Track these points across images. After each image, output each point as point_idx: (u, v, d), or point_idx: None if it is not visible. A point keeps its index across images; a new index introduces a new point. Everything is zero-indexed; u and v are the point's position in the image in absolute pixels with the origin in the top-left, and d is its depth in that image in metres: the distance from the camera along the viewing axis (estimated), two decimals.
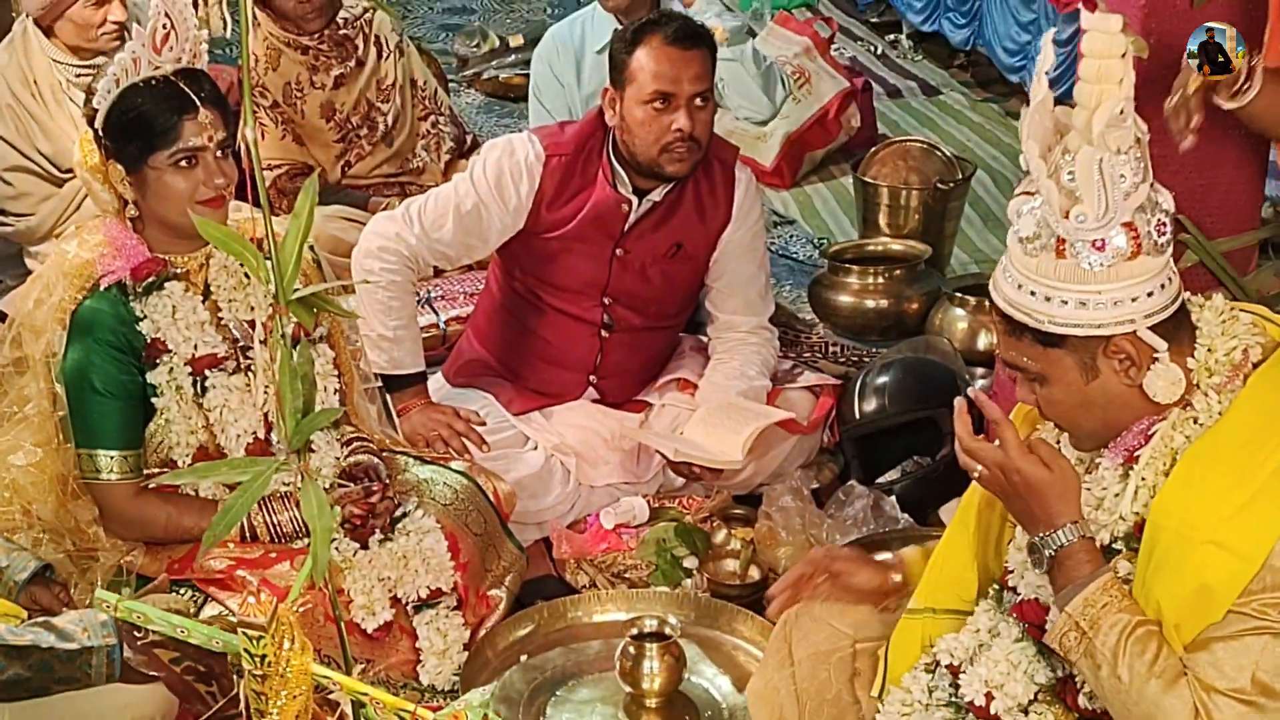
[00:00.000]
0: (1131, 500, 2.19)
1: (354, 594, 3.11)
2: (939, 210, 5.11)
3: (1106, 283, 2.09)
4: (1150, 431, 2.18)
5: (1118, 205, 2.06)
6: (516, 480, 3.60)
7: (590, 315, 3.86)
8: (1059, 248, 2.10)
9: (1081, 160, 2.04)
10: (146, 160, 2.99)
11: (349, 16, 4.97)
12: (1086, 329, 2.12)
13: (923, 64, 7.82)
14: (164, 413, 3.07)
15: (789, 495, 3.70)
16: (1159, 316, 2.12)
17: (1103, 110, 2.03)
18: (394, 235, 3.68)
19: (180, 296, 3.08)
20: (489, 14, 8.80)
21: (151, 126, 2.96)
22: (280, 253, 2.01)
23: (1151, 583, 2.13)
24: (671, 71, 3.60)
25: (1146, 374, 2.14)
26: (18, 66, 4.56)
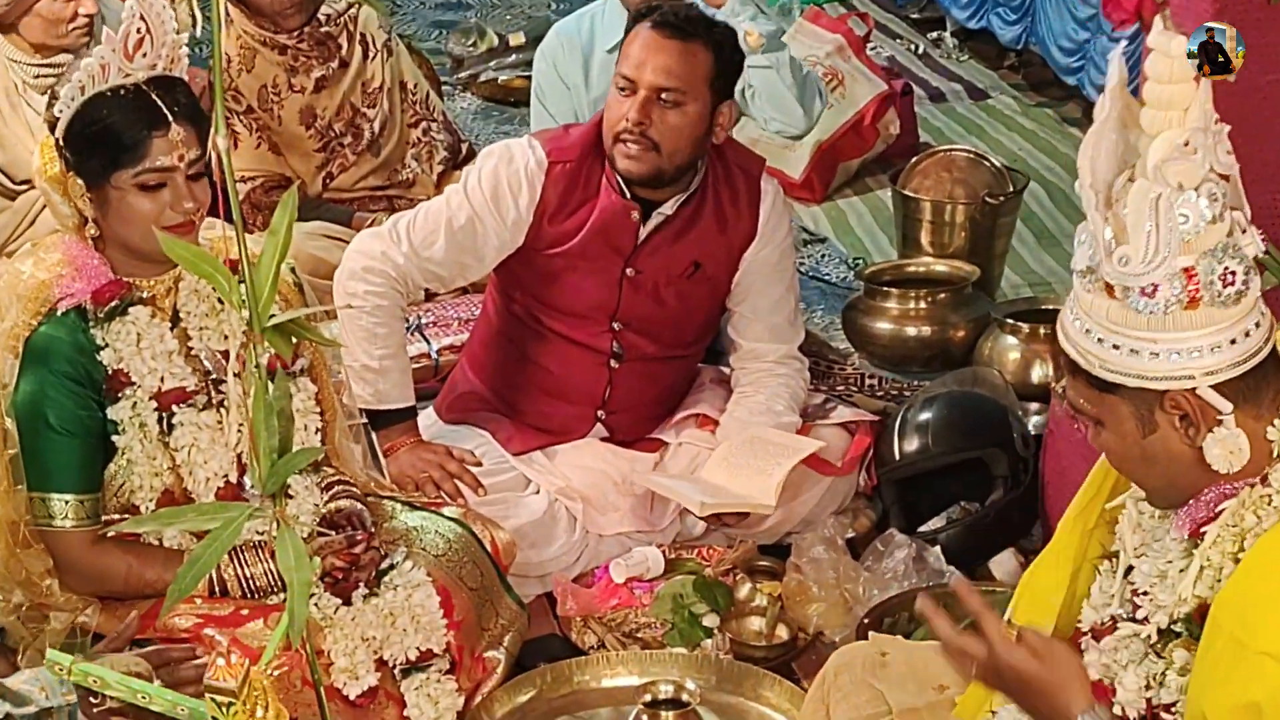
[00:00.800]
0: (1194, 581, 2.13)
1: (335, 655, 3.09)
2: (988, 227, 5.10)
3: (1161, 331, 2.03)
4: (1218, 509, 2.12)
5: (1171, 248, 1.98)
6: (516, 528, 3.59)
7: (598, 342, 3.86)
8: (1109, 288, 2.06)
9: (1134, 194, 1.99)
10: (109, 178, 2.98)
11: (332, 13, 4.98)
12: (1137, 380, 2.07)
13: (969, 64, 7.82)
14: (126, 452, 3.07)
15: (821, 545, 3.69)
16: (1225, 375, 2.05)
17: (1162, 142, 1.98)
18: (380, 254, 3.68)
19: (146, 323, 3.07)
20: (487, 10, 8.81)
21: (117, 142, 2.94)
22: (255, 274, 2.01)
23: (1204, 684, 2.08)
24: (639, 56, 3.61)
25: (1205, 438, 2.07)
26: None
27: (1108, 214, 2.02)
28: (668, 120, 3.62)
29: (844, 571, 3.63)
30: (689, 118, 3.64)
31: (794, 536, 3.81)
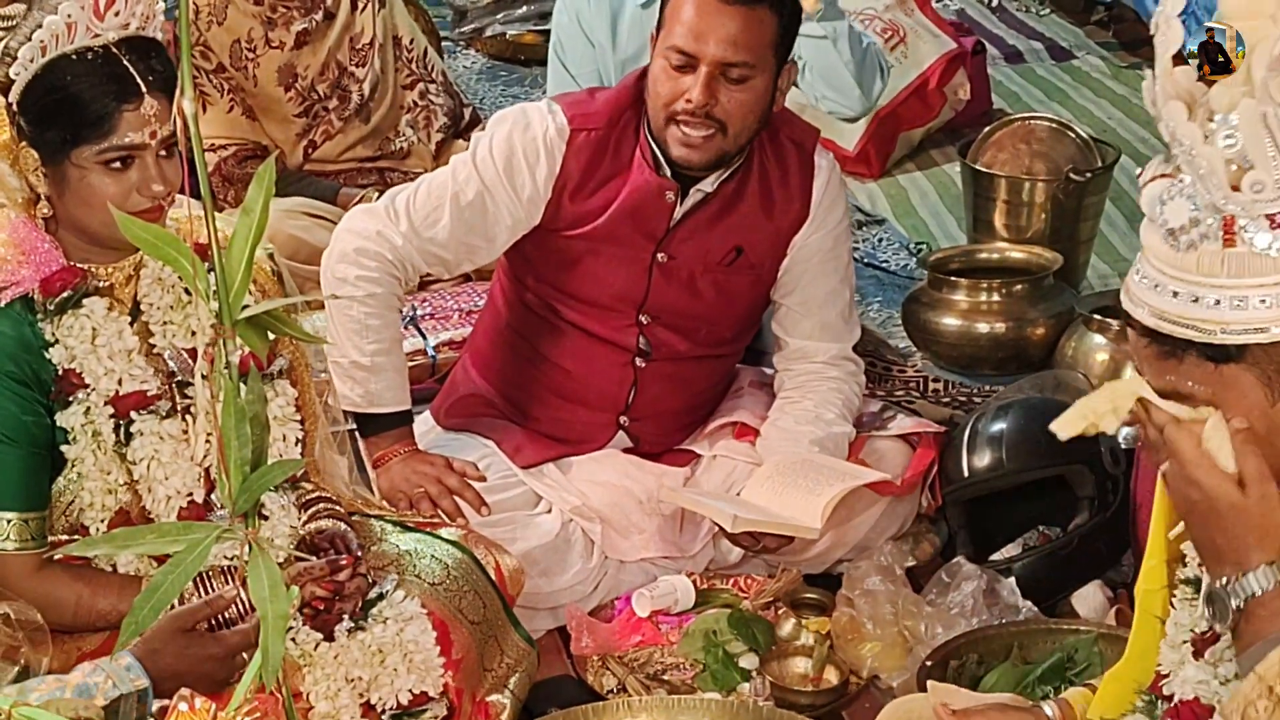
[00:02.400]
0: None
1: (315, 699, 3.09)
2: (1072, 208, 5.10)
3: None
4: None
5: None
6: (525, 553, 3.59)
7: (622, 338, 3.86)
8: (1227, 232, 2.08)
9: (1244, 116, 2.02)
10: (69, 154, 2.96)
11: None
12: (1272, 332, 2.09)
13: (1051, 19, 7.82)
14: (76, 465, 3.06)
15: (877, 575, 3.68)
16: None
17: (1261, 51, 2.02)
18: (375, 234, 3.67)
19: (102, 317, 3.06)
20: None
21: (81, 114, 2.92)
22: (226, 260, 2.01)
23: None
24: (700, 26, 3.55)
25: None
26: None
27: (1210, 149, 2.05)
28: (734, 98, 3.59)
29: (903, 606, 3.62)
30: (756, 93, 3.62)
31: (845, 565, 3.82)
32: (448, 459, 3.74)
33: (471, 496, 3.66)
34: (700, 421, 4.04)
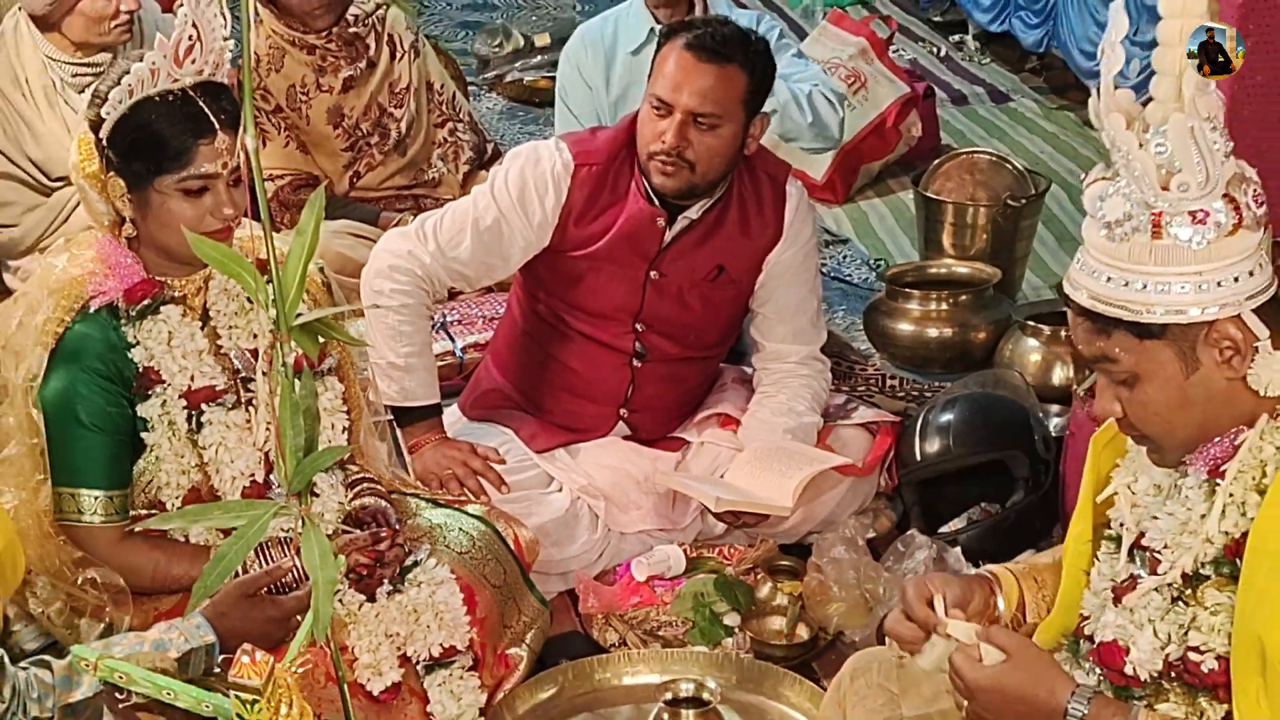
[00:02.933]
0: (1219, 519, 2.18)
1: (359, 652, 3.09)
2: (1009, 229, 5.09)
3: (1207, 261, 2.10)
4: (1237, 442, 2.18)
5: (1218, 172, 2.07)
6: (539, 526, 3.58)
7: (621, 343, 3.85)
8: (1155, 226, 2.11)
9: (1174, 128, 2.06)
10: (152, 182, 2.97)
11: (360, 13, 4.97)
12: (1190, 314, 2.12)
13: (991, 67, 7.80)
14: (154, 449, 3.06)
15: (842, 545, 3.67)
16: (1262, 298, 2.14)
17: (1190, 74, 2.06)
18: (406, 253, 3.67)
19: (177, 322, 3.06)
20: (513, 11, 8.82)
21: (163, 148, 2.93)
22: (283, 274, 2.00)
23: (1253, 614, 2.11)
24: (677, 78, 3.56)
25: (1251, 365, 2.14)
26: (7, 64, 4.57)
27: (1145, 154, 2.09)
28: (703, 142, 3.59)
29: (864, 572, 3.61)
30: (724, 139, 3.61)
31: (815, 536, 3.80)
32: (473, 445, 3.73)
33: (493, 477, 3.66)
34: (690, 413, 4.03)
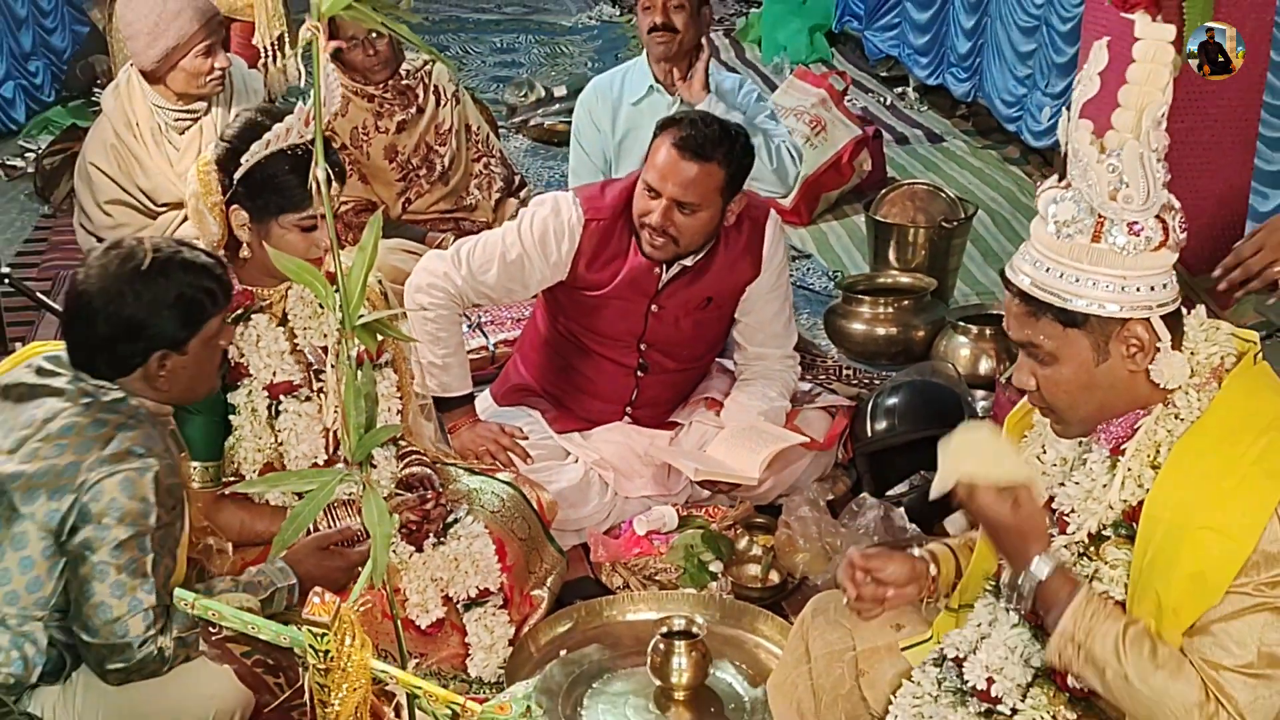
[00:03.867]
0: (1119, 489, 2.18)
1: (410, 593, 3.09)
2: (943, 246, 5.08)
3: (1132, 269, 2.10)
4: (1136, 425, 2.18)
5: (1156, 195, 2.07)
6: (558, 491, 3.57)
7: (627, 360, 3.83)
8: (1097, 230, 2.10)
9: (1128, 152, 2.06)
10: (275, 219, 2.97)
11: (410, 68, 4.97)
12: (1109, 310, 2.12)
13: (928, 114, 7.79)
14: (238, 430, 3.06)
15: (806, 506, 3.66)
16: (1169, 308, 2.14)
17: (1150, 110, 2.06)
18: (442, 274, 3.65)
19: (264, 327, 3.06)
20: (536, 67, 8.81)
21: (290, 192, 2.94)
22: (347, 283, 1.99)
23: (1149, 573, 2.11)
24: (663, 171, 3.52)
25: (1153, 361, 2.14)
26: (121, 110, 4.57)
27: (1100, 169, 2.09)
28: (685, 224, 3.55)
29: (825, 528, 3.60)
30: (702, 220, 3.58)
31: (784, 499, 3.79)
32: (501, 425, 3.72)
33: (520, 451, 3.64)
34: (682, 404, 4.01)
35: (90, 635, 2.50)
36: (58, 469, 2.49)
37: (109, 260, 2.62)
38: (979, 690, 2.34)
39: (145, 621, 2.51)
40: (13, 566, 2.50)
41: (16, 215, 6.18)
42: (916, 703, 2.44)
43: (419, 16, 9.87)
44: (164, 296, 2.60)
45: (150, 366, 2.63)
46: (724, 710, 3.05)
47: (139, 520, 2.50)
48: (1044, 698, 2.30)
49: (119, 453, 2.51)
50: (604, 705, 3.07)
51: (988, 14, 7.07)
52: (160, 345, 2.61)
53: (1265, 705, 2.07)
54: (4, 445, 2.54)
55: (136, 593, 2.49)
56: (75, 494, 2.47)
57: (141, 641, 2.51)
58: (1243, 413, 2.13)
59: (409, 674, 2.04)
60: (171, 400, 2.70)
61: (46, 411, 2.56)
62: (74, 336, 2.64)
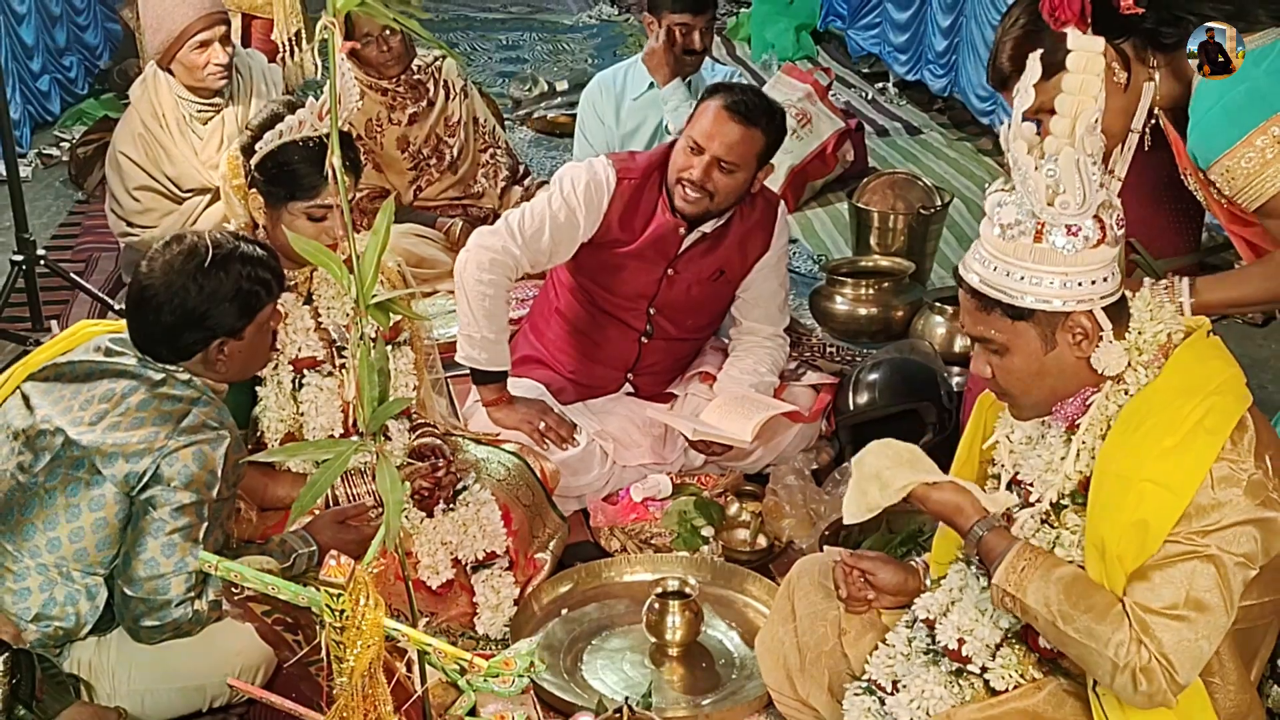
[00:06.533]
0: (1075, 460, 2.21)
1: (421, 556, 3.08)
2: (921, 232, 5.05)
3: (1074, 266, 2.11)
4: (1088, 401, 2.21)
5: (1093, 197, 2.08)
6: (562, 460, 3.55)
7: (636, 323, 3.81)
8: (1038, 232, 2.11)
9: (1064, 158, 2.06)
10: (286, 205, 2.97)
11: (421, 64, 4.96)
12: (1054, 305, 2.13)
13: (906, 108, 7.76)
14: (263, 400, 3.05)
15: (792, 475, 3.65)
16: (1110, 299, 2.15)
17: (1084, 117, 2.06)
18: (501, 249, 3.57)
19: (290, 305, 3.05)
20: (539, 63, 8.77)
21: (299, 181, 2.93)
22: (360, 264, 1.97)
23: (1098, 522, 2.15)
24: (710, 130, 3.53)
25: (1096, 350, 2.16)
26: (148, 101, 4.56)
27: (1038, 175, 2.09)
28: (723, 181, 3.56)
29: (809, 495, 3.59)
30: (739, 181, 3.59)
31: (771, 468, 3.77)
32: (544, 405, 3.67)
33: (566, 431, 3.62)
34: (680, 376, 4.00)
35: (133, 589, 2.54)
36: (139, 437, 2.57)
37: (172, 256, 2.67)
38: (950, 650, 2.35)
39: (186, 584, 2.57)
40: (87, 525, 2.57)
41: (52, 201, 6.15)
42: (891, 661, 2.45)
43: (429, 14, 9.83)
44: (224, 289, 2.66)
45: (210, 352, 2.69)
46: (715, 665, 3.05)
47: (202, 490, 2.57)
48: (1014, 657, 2.32)
49: (195, 425, 2.60)
50: (602, 660, 3.07)
51: (963, 14, 7.03)
52: (220, 334, 2.68)
53: (1191, 648, 2.09)
54: (84, 417, 2.61)
55: (185, 556, 2.55)
56: (154, 458, 2.55)
57: (180, 601, 2.55)
58: (1190, 377, 2.16)
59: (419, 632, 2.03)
60: (228, 379, 2.77)
61: (124, 387, 2.63)
62: (138, 325, 2.69)
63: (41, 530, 2.58)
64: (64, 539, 2.57)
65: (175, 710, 2.70)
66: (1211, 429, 2.11)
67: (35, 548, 2.58)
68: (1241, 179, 2.54)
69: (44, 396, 2.65)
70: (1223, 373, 2.19)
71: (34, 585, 2.58)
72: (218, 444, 2.58)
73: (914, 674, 2.39)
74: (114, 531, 2.58)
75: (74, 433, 2.58)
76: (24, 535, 2.59)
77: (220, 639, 2.62)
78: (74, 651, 2.62)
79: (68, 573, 2.58)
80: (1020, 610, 2.19)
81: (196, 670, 2.62)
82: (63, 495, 2.58)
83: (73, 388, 2.65)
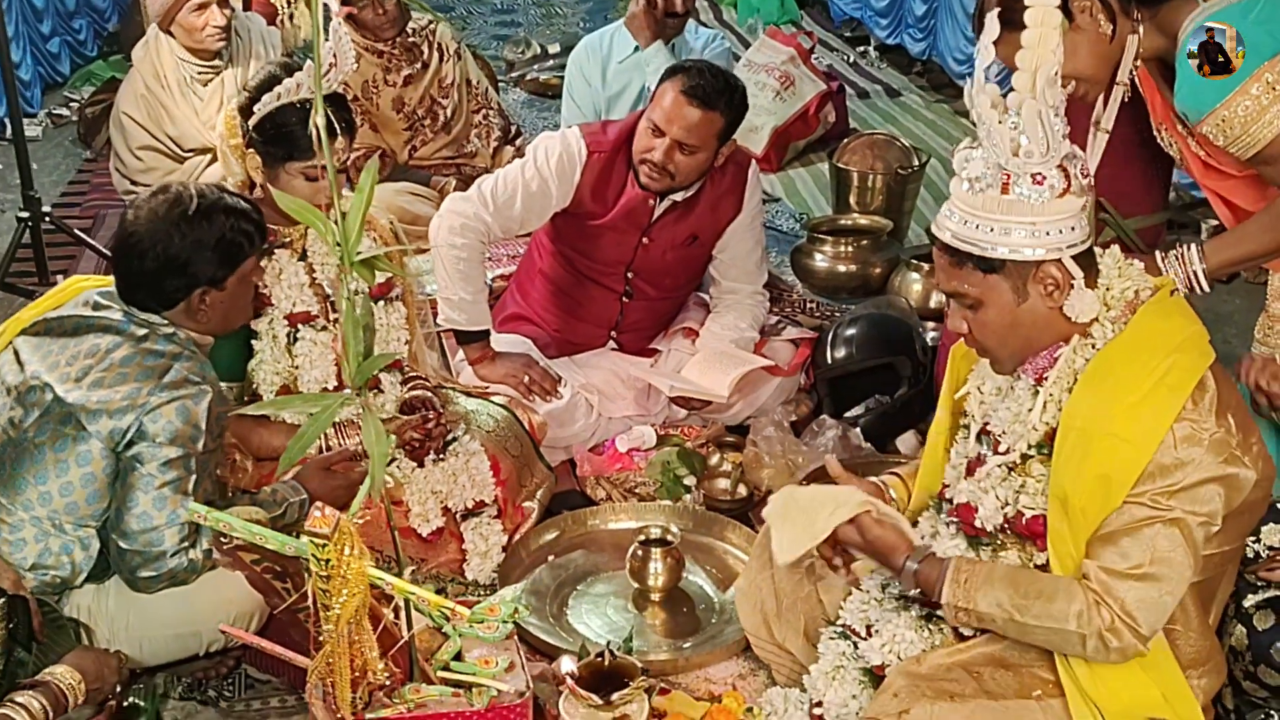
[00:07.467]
0: (1041, 412, 2.20)
1: (411, 504, 3.06)
2: (899, 191, 5.01)
3: (1041, 215, 2.08)
4: (1056, 355, 2.18)
5: (1056, 147, 2.05)
6: (548, 412, 3.52)
7: (615, 285, 3.77)
8: (1005, 184, 2.08)
9: (1027, 110, 2.04)
10: (283, 165, 2.92)
11: (416, 27, 4.89)
12: (1024, 254, 2.10)
13: (887, 71, 7.68)
14: (259, 354, 3.02)
15: (772, 427, 3.62)
16: (1080, 248, 2.12)
17: (1044, 70, 2.02)
18: (473, 215, 3.53)
19: (286, 262, 3.02)
20: (533, 26, 8.68)
21: (297, 142, 2.88)
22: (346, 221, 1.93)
23: (1061, 474, 2.14)
24: (669, 114, 3.47)
25: (1068, 298, 2.13)
26: (150, 63, 4.51)
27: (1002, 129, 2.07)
28: (684, 162, 3.51)
29: (788, 446, 3.56)
30: (699, 160, 3.54)
31: (752, 420, 3.74)
32: (528, 358, 3.64)
33: (550, 385, 3.59)
34: (663, 332, 3.95)
35: (127, 542, 2.52)
36: (122, 393, 2.53)
37: (157, 204, 2.64)
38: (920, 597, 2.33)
39: (180, 534, 2.54)
40: (75, 480, 2.55)
41: (61, 160, 6.08)
42: (864, 607, 2.45)
43: None
44: (207, 238, 2.62)
45: (192, 300, 2.65)
46: (695, 610, 3.03)
47: (188, 443, 2.54)
48: None
49: (177, 380, 2.56)
50: (587, 605, 3.05)
51: None
52: (202, 282, 2.64)
53: (1154, 604, 2.09)
54: (71, 373, 2.58)
55: (176, 508, 2.53)
56: (137, 414, 2.52)
57: (174, 552, 2.54)
58: (1154, 334, 2.14)
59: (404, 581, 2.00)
60: (210, 330, 2.72)
61: (109, 343, 2.60)
62: (122, 272, 2.66)
63: (33, 484, 2.55)
64: (55, 493, 2.54)
65: (172, 654, 2.68)
66: (1174, 385, 2.09)
67: (28, 501, 2.55)
68: (1238, 128, 2.51)
69: (34, 352, 2.62)
70: (1185, 330, 2.17)
71: (29, 536, 2.55)
72: (200, 398, 2.55)
73: (886, 619, 2.40)
74: (103, 486, 2.56)
75: (61, 390, 2.55)
76: (17, 489, 2.56)
77: (215, 587, 2.60)
78: (74, 597, 2.60)
79: (60, 525, 2.55)
80: (976, 620, 2.20)
81: (192, 617, 2.60)
82: (51, 451, 2.55)
83: (60, 343, 2.62)
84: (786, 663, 2.62)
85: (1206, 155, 2.68)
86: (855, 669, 2.40)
